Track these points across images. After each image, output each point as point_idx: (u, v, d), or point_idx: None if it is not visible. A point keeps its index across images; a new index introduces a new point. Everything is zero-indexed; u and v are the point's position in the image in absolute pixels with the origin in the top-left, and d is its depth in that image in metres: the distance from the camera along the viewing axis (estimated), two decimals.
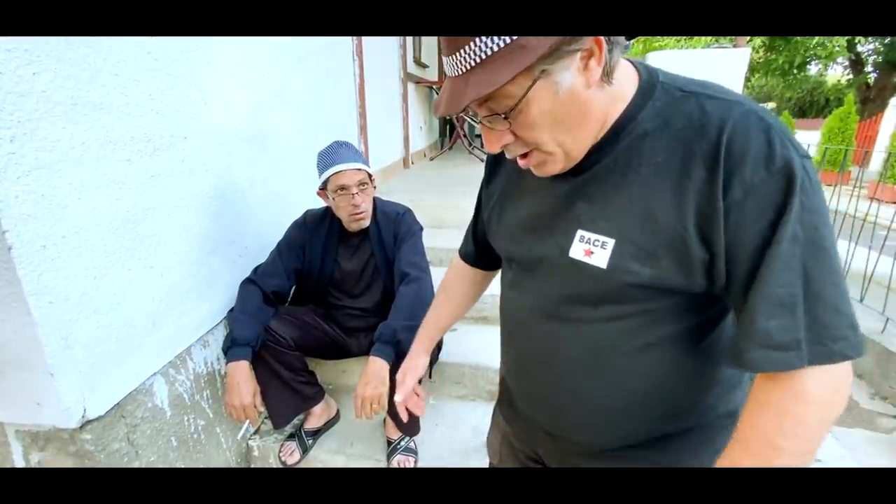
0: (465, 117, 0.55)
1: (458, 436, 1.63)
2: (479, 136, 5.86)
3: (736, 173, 0.46)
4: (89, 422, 0.97)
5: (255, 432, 1.61)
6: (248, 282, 1.42)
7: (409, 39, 4.17)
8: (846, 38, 9.75)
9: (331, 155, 1.39)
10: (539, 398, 0.67)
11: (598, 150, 0.54)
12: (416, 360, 0.89)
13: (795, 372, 0.46)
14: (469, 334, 1.90)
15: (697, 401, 0.60)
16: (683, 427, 0.61)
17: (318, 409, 1.59)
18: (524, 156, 0.55)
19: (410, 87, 4.20)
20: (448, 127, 5.42)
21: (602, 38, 0.46)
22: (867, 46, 11.01)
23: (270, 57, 1.68)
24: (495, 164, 0.73)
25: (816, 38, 9.92)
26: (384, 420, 1.62)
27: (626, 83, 0.53)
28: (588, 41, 0.46)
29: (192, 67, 1.24)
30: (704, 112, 0.49)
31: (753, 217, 0.46)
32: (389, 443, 1.54)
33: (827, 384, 0.46)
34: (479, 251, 0.83)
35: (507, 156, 0.56)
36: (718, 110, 0.48)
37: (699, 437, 0.62)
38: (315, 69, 2.11)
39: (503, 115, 0.49)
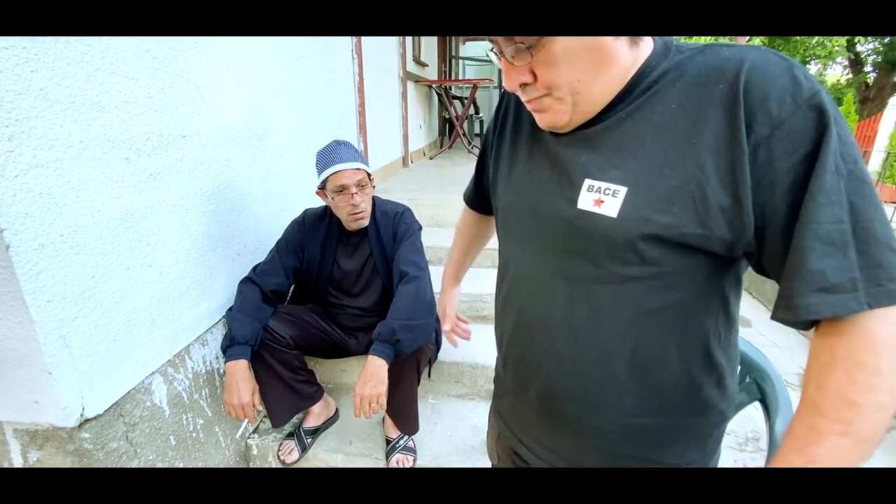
0: (491, 53, 0.54)
1: (457, 434, 1.64)
2: (478, 135, 5.85)
3: (759, 109, 0.44)
4: (87, 420, 0.97)
5: (254, 431, 1.62)
6: (247, 280, 1.41)
7: (409, 38, 4.16)
8: (846, 37, 9.75)
9: (330, 154, 1.39)
10: (533, 363, 0.64)
11: (612, 105, 0.53)
12: (449, 293, 1.03)
13: (859, 319, 0.42)
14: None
15: (696, 384, 0.58)
16: (678, 419, 0.59)
17: (316, 408, 1.59)
18: (531, 100, 0.55)
19: (410, 85, 4.19)
20: (448, 126, 5.42)
21: None
22: (866, 46, 11.00)
23: (269, 55, 1.68)
24: (501, 126, 0.71)
25: (816, 38, 9.92)
26: (383, 419, 1.62)
27: (643, 48, 0.52)
28: None
29: (191, 66, 1.24)
30: (720, 56, 0.48)
31: (785, 152, 0.43)
32: (388, 441, 1.54)
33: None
34: (479, 195, 0.87)
35: (522, 97, 0.56)
36: (735, 54, 0.47)
37: (688, 435, 0.61)
38: (314, 67, 2.11)
39: (527, 46, 0.49)
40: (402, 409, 1.47)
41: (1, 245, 0.80)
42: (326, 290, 1.57)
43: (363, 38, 2.73)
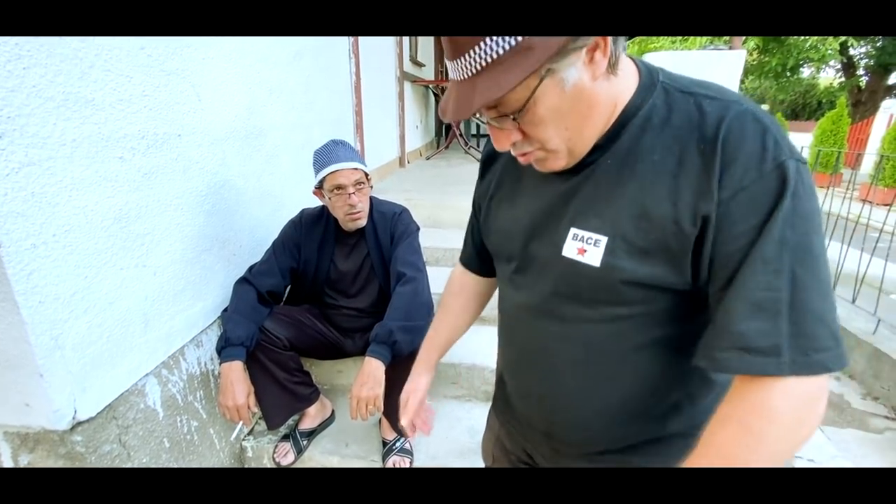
0: (473, 118, 0.54)
1: (454, 436, 1.63)
2: (475, 135, 5.85)
3: (727, 172, 0.45)
4: (80, 423, 0.96)
5: (249, 433, 1.60)
6: (242, 281, 1.40)
7: (406, 38, 4.16)
8: (839, 41, 9.84)
9: (327, 154, 1.38)
10: (534, 396, 0.66)
11: (597, 149, 0.54)
12: (415, 383, 0.85)
13: (763, 385, 0.44)
14: (465, 334, 1.89)
15: (692, 402, 0.60)
16: (677, 430, 0.60)
17: (312, 410, 1.58)
18: (525, 154, 0.55)
19: (407, 85, 4.18)
20: (444, 126, 5.41)
21: None
22: (859, 50, 11.11)
23: (266, 53, 1.66)
24: (488, 163, 0.72)
25: (810, 42, 10.01)
26: (379, 420, 1.61)
27: (628, 79, 0.52)
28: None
29: (187, 64, 1.22)
30: (702, 112, 0.48)
31: (739, 217, 0.45)
32: (385, 443, 1.53)
33: (796, 402, 0.44)
34: (479, 255, 0.81)
35: (514, 152, 0.56)
36: (716, 109, 0.48)
37: (690, 443, 0.62)
38: (311, 66, 2.10)
39: (511, 116, 0.49)
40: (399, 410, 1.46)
41: None
42: (323, 291, 1.56)
43: (360, 38, 2.72)
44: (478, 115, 0.53)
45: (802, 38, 10.16)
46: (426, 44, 5.38)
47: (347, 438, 1.61)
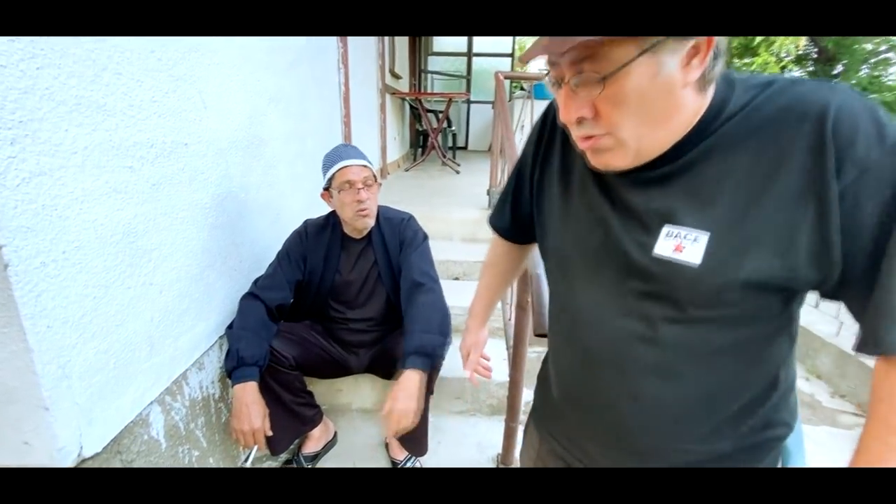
0: (545, 76, 0.51)
1: (463, 453, 1.60)
2: (451, 147, 5.88)
3: (847, 154, 0.44)
4: (84, 460, 0.86)
5: (246, 459, 1.50)
6: (249, 296, 1.32)
7: (386, 50, 4.15)
8: (780, 65, 10.69)
9: (336, 153, 1.37)
10: (602, 400, 0.62)
11: (679, 147, 0.52)
12: (475, 336, 0.95)
13: None
14: None
15: (766, 406, 0.59)
16: (735, 445, 0.59)
17: (316, 432, 1.51)
18: (588, 138, 0.52)
19: (387, 97, 4.17)
20: (420, 138, 5.43)
21: (713, 38, 0.45)
22: (795, 73, 12.26)
23: (266, 60, 1.61)
24: (544, 154, 0.68)
25: (754, 65, 10.87)
26: (385, 441, 1.56)
27: (710, 95, 0.52)
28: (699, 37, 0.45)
29: (194, 69, 1.16)
30: (796, 96, 0.48)
31: (871, 194, 0.44)
32: (394, 464, 1.48)
33: None
34: (514, 225, 0.79)
35: (577, 133, 0.53)
36: (815, 94, 0.47)
37: (744, 458, 0.60)
38: (306, 75, 2.04)
39: (601, 77, 0.46)
40: (412, 429, 1.42)
41: None
42: (327, 303, 1.50)
43: (349, 49, 2.68)
44: (553, 80, 0.50)
45: (744, 60, 11.00)
46: (402, 56, 5.40)
47: (353, 460, 1.55)
